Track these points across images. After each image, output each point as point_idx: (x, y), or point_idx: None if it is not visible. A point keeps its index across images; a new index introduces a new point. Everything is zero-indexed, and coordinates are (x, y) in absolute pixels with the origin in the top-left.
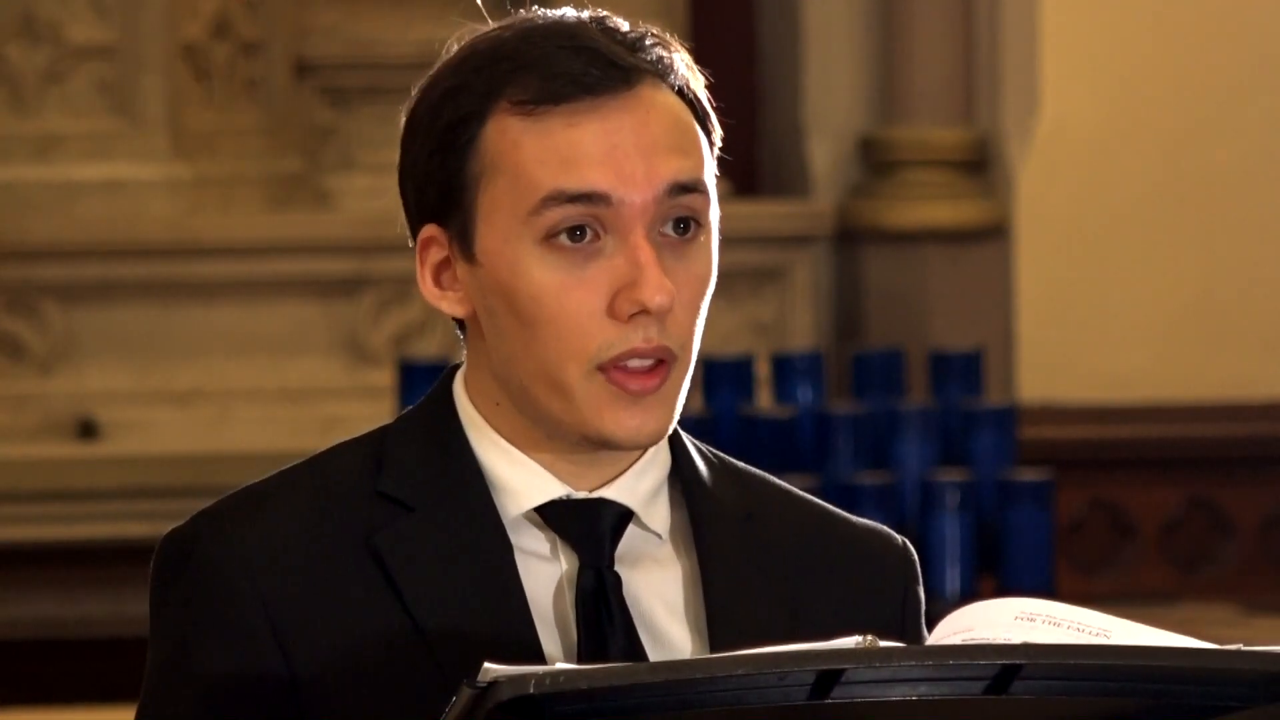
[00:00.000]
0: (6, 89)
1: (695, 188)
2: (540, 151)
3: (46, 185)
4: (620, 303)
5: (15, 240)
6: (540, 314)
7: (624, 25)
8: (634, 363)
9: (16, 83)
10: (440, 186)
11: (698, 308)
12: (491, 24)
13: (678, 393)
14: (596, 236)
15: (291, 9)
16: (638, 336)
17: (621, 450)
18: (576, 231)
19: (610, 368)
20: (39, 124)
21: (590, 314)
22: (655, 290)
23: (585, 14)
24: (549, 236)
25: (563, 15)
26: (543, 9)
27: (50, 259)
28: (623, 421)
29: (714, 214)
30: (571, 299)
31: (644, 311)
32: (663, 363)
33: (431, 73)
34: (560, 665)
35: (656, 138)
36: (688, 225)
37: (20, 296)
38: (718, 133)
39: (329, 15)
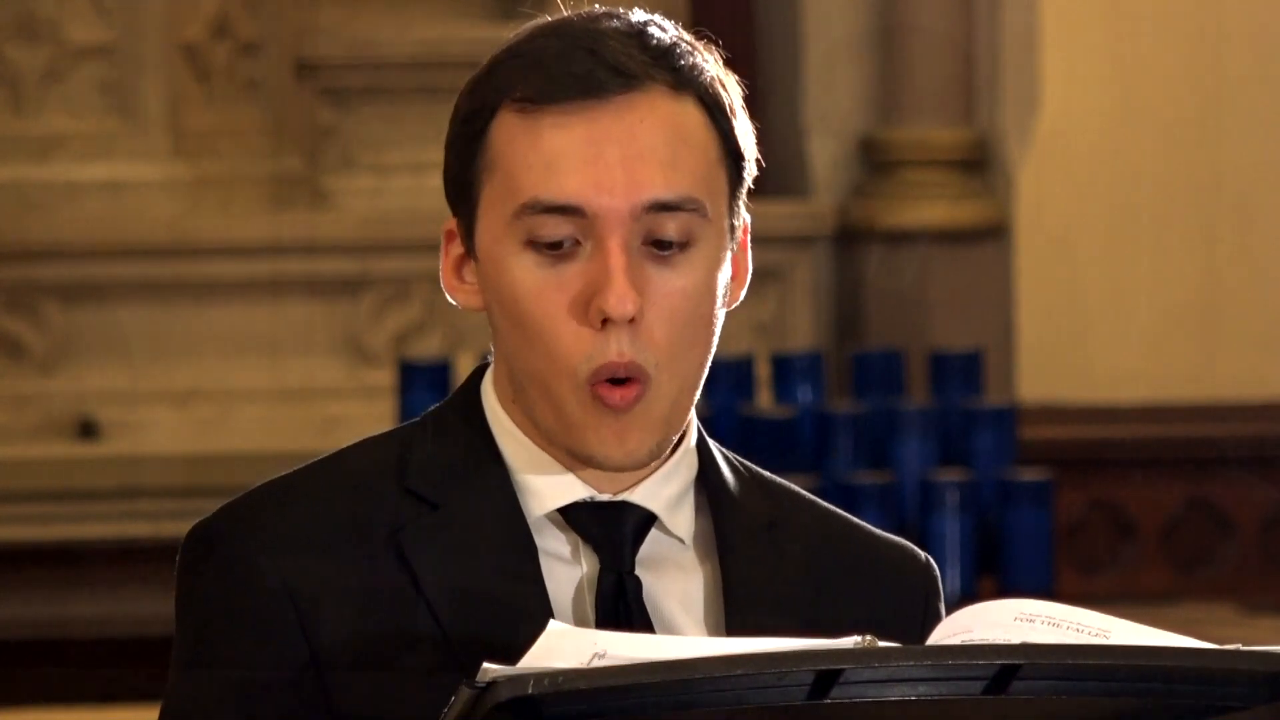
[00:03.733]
0: (6, 89)
1: (679, 206)
2: (528, 154)
3: (46, 185)
4: (590, 310)
5: (15, 240)
6: (522, 314)
7: (659, 31)
8: (610, 379)
9: (16, 83)
10: (455, 181)
11: (679, 322)
12: (560, 14)
13: (661, 413)
14: (577, 241)
15: (291, 9)
16: (611, 349)
17: (606, 470)
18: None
19: (595, 382)
20: (39, 124)
21: (564, 319)
22: (619, 300)
23: (635, 15)
24: (529, 239)
25: (601, 14)
26: (600, 6)
27: (50, 259)
28: (605, 438)
29: (720, 225)
30: (548, 301)
31: (611, 320)
32: (634, 380)
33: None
34: (559, 665)
35: (644, 148)
36: (668, 245)
37: (20, 296)
38: (748, 148)
39: (329, 15)
